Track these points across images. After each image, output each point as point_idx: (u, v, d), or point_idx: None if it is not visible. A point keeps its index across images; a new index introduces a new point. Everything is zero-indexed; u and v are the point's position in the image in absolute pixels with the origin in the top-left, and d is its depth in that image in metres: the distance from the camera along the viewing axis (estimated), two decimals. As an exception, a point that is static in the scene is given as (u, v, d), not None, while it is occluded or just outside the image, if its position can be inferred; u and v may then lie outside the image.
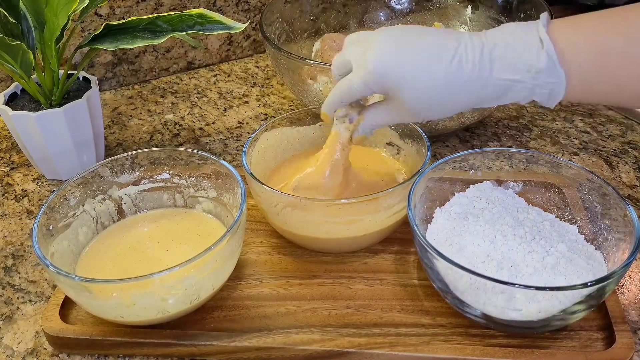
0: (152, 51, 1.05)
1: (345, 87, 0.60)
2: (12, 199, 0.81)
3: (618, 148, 0.86)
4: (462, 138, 0.89)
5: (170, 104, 1.00)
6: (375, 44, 0.57)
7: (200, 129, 0.94)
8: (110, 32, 0.76)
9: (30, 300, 0.67)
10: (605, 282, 0.53)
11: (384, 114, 0.62)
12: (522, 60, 0.54)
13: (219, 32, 0.77)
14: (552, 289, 0.53)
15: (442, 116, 0.60)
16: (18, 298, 0.67)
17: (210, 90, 1.04)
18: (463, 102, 0.57)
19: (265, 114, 0.97)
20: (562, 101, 0.56)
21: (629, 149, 0.86)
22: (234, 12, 1.08)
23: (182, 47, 1.07)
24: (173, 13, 0.76)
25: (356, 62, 0.59)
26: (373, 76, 0.57)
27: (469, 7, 1.03)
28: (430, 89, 0.56)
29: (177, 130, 0.94)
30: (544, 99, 0.55)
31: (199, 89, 1.04)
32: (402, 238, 0.70)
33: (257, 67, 1.10)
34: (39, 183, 0.84)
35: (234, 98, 1.01)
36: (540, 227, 0.62)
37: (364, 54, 0.58)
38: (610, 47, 0.53)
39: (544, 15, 0.55)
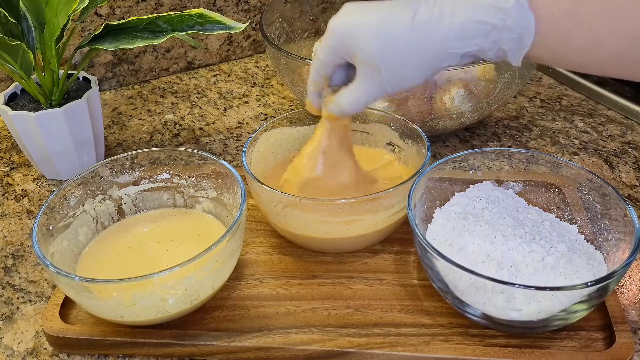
0: (152, 51, 1.05)
1: (315, 61, 0.60)
2: (12, 199, 0.81)
3: (618, 148, 0.86)
4: (462, 138, 0.89)
5: (170, 104, 1.00)
6: (337, 13, 0.58)
7: (200, 129, 0.94)
8: (110, 32, 0.76)
9: (30, 300, 0.67)
10: (605, 282, 0.53)
11: (360, 85, 0.59)
12: (489, 2, 0.52)
13: (219, 32, 0.77)
14: (552, 289, 0.53)
15: (417, 77, 0.57)
16: (18, 298, 0.67)
17: (210, 90, 1.04)
18: (429, 51, 0.55)
19: (265, 114, 0.97)
20: (536, 57, 0.53)
21: (629, 149, 0.86)
22: (234, 12, 1.08)
23: (182, 47, 1.07)
24: (173, 13, 0.76)
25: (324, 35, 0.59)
26: (334, 36, 0.57)
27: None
28: (393, 38, 0.55)
29: (177, 130, 0.94)
30: (513, 47, 0.53)
31: (199, 89, 1.04)
32: (402, 238, 0.70)
33: (257, 67, 1.10)
34: (39, 183, 0.84)
35: (234, 98, 1.01)
36: (540, 227, 0.62)
37: (328, 25, 0.58)
38: None
39: None
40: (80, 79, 0.84)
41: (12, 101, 0.80)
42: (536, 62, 0.55)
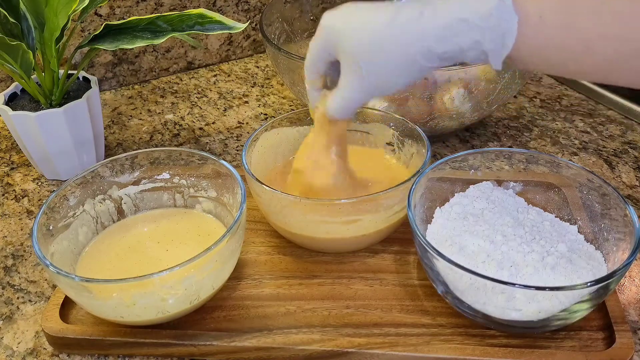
0: (152, 51, 1.05)
1: (307, 57, 0.62)
2: (12, 199, 0.81)
3: (618, 148, 0.86)
4: (462, 138, 0.89)
5: (170, 104, 1.00)
6: (332, 10, 0.59)
7: (200, 129, 0.94)
8: (110, 32, 0.76)
9: (30, 300, 0.67)
10: (605, 282, 0.53)
11: (344, 88, 0.59)
12: (471, 1, 0.51)
13: (219, 32, 0.77)
14: (552, 289, 0.53)
15: (398, 79, 0.56)
16: (18, 298, 0.67)
17: (210, 90, 1.04)
18: (406, 50, 0.54)
19: (265, 114, 0.97)
20: (524, 62, 0.51)
21: (629, 149, 0.86)
22: (234, 12, 1.08)
23: (182, 47, 1.07)
24: (173, 13, 0.76)
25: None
26: (322, 32, 0.59)
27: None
28: (372, 36, 0.55)
29: (177, 130, 0.94)
30: (494, 47, 0.51)
31: (199, 89, 1.04)
32: (402, 238, 0.70)
33: (257, 67, 1.10)
34: (39, 183, 0.84)
35: (234, 98, 1.01)
36: (540, 227, 0.62)
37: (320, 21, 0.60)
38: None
39: None
40: (80, 79, 0.84)
41: (12, 101, 0.80)
42: (525, 69, 0.53)
